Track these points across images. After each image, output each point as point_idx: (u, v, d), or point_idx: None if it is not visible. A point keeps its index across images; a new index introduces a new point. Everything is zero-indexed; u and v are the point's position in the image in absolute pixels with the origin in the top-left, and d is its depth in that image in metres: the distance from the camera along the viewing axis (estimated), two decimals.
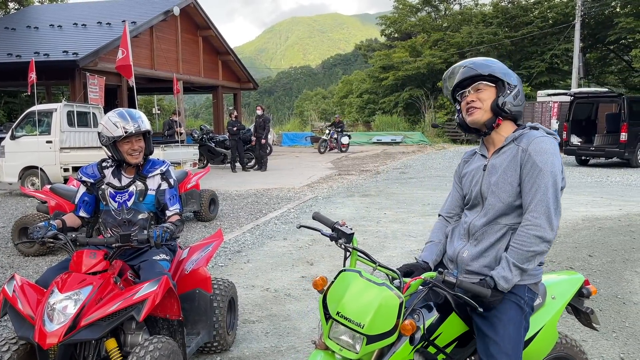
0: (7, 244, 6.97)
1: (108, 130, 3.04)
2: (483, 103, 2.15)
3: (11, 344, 2.51)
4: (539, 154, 2.03)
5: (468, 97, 2.19)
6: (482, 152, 2.28)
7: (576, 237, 6.75)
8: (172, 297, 2.83)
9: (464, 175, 2.34)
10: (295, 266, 5.71)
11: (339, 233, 2.23)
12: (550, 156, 2.03)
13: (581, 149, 16.12)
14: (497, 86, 2.15)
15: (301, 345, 3.75)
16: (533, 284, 2.15)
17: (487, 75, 2.15)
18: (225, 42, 23.69)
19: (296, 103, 67.87)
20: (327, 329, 1.97)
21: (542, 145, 2.04)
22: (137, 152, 3.09)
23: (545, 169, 2.01)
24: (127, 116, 3.06)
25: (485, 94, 2.16)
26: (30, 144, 11.31)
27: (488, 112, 2.16)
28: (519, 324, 2.07)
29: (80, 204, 3.17)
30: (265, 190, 11.60)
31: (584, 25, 26.79)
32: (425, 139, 27.74)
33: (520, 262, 2.02)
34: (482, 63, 2.18)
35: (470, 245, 2.19)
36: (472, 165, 2.31)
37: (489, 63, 2.19)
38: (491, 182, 2.14)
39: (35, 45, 16.86)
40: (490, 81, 2.15)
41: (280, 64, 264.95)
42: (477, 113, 2.17)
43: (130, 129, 3.01)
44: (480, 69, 2.16)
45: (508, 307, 2.06)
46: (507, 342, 2.02)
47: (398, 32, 40.64)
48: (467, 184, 2.30)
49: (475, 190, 2.21)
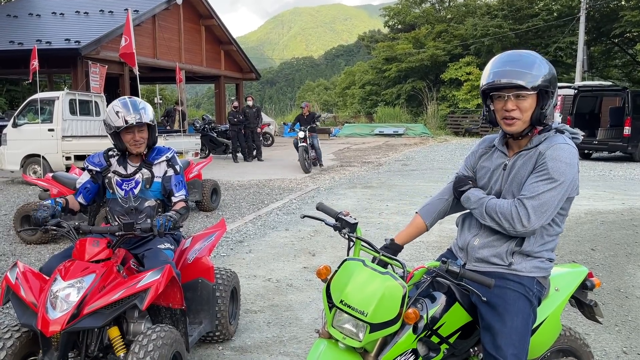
0: (9, 231, 6.97)
1: (111, 119, 3.02)
2: (523, 114, 2.00)
3: (14, 331, 2.51)
4: (553, 160, 1.97)
5: (507, 104, 2.01)
6: (502, 149, 2.19)
7: (579, 230, 6.74)
8: (175, 286, 2.83)
9: (479, 168, 2.27)
10: (297, 257, 5.71)
11: (343, 223, 2.24)
12: (564, 166, 1.97)
13: (584, 143, 16.03)
14: (540, 94, 1.99)
15: (303, 336, 3.75)
16: (542, 278, 2.15)
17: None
18: (227, 32, 23.58)
19: (298, 94, 67.69)
20: (330, 318, 1.97)
21: (559, 152, 1.98)
22: (139, 142, 3.07)
23: (556, 177, 1.96)
24: (129, 106, 3.02)
25: (526, 103, 1.99)
26: (32, 132, 11.29)
27: (527, 122, 2.02)
28: (527, 316, 2.07)
29: (82, 190, 3.15)
30: (267, 181, 11.59)
31: (588, 18, 26.61)
32: (427, 131, 27.66)
33: (487, 210, 2.07)
34: (523, 72, 1.95)
35: (482, 234, 2.18)
36: (491, 161, 2.23)
37: (533, 69, 1.96)
38: (512, 183, 2.11)
39: (37, 33, 16.77)
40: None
41: (283, 55, 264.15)
42: (516, 125, 2.03)
43: (132, 120, 2.97)
44: (524, 81, 1.94)
45: (516, 297, 2.06)
46: (514, 334, 2.02)
47: (401, 24, 40.38)
48: (484, 179, 2.24)
49: (496, 188, 2.17)
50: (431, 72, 34.72)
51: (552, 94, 2.00)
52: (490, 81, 2.02)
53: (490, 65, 2.06)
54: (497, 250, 2.12)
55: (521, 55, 2.03)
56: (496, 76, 2.00)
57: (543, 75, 1.97)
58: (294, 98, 64.66)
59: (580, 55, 24.88)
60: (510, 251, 2.10)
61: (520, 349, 2.02)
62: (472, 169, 2.32)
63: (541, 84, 1.96)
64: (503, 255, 2.11)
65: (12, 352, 2.44)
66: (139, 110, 3.02)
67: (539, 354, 2.37)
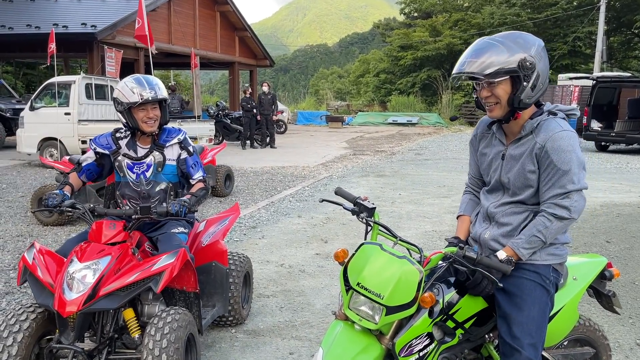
0: (27, 213, 7.08)
1: (124, 95, 2.94)
2: (500, 99, 2.01)
3: (29, 312, 2.54)
4: (556, 152, 1.97)
5: (482, 92, 2.04)
6: (500, 137, 2.19)
7: (594, 222, 6.66)
8: (189, 269, 2.85)
9: (481, 154, 2.29)
10: (309, 243, 5.72)
11: (361, 207, 2.26)
12: (568, 154, 1.96)
13: (601, 135, 15.81)
14: (512, 78, 1.97)
15: (315, 321, 3.77)
16: (558, 264, 2.13)
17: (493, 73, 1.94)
18: (242, 18, 23.50)
19: (312, 81, 67.39)
20: (347, 300, 1.99)
21: (559, 143, 1.97)
22: (152, 120, 3.00)
23: (565, 168, 1.97)
24: (144, 82, 2.97)
25: (499, 89, 1.99)
26: (49, 116, 11.40)
27: (505, 106, 2.02)
28: (544, 305, 2.06)
29: (85, 170, 3.10)
30: (280, 168, 11.60)
31: (609, 7, 26.08)
32: (441, 120, 27.44)
33: (540, 240, 2.02)
34: (482, 62, 1.94)
35: (492, 227, 2.19)
36: (490, 147, 2.23)
37: (492, 55, 1.93)
38: (511, 173, 2.11)
39: (54, 17, 16.86)
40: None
41: (297, 42, 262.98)
42: (495, 110, 2.04)
43: (147, 95, 2.92)
44: (479, 70, 1.95)
45: (533, 287, 2.05)
46: (531, 323, 2.01)
47: (418, 11, 39.94)
48: (484, 165, 2.26)
49: (495, 177, 2.18)
50: (447, 61, 34.34)
51: (527, 77, 1.95)
52: (454, 73, 2.04)
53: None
54: (507, 242, 2.11)
55: (482, 43, 2.01)
56: (459, 67, 2.02)
57: (502, 62, 1.93)
58: (308, 86, 64.48)
59: (599, 45, 24.44)
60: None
61: (537, 338, 2.01)
62: (476, 153, 2.34)
63: (499, 69, 1.93)
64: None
65: (28, 333, 2.47)
66: (154, 86, 2.98)
67: (555, 341, 2.37)
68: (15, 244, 5.68)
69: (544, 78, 2.01)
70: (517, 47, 1.96)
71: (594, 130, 15.86)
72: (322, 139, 19.51)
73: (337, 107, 35.03)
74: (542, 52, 2.01)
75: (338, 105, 35.62)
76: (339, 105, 36.03)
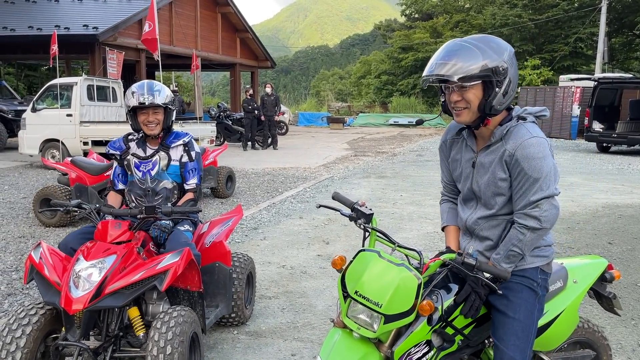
0: (29, 214, 7.10)
1: (127, 99, 3.15)
2: (470, 103, 1.94)
3: (38, 309, 2.59)
4: (526, 160, 1.91)
5: (452, 96, 1.96)
6: (470, 143, 2.13)
7: (596, 224, 6.67)
8: (193, 269, 2.88)
9: (453, 160, 2.23)
10: (311, 245, 5.74)
11: (359, 213, 2.23)
12: (538, 161, 1.91)
13: (603, 136, 15.81)
14: (484, 83, 1.91)
15: (317, 322, 3.79)
16: (545, 265, 2.12)
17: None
18: (243, 20, 23.54)
19: (313, 83, 67.45)
20: (345, 308, 1.97)
21: (529, 150, 1.91)
22: (152, 123, 3.15)
23: (535, 175, 1.92)
24: (145, 88, 3.13)
25: (470, 94, 1.92)
26: (51, 117, 11.43)
27: (476, 112, 1.95)
28: (532, 307, 2.06)
29: (116, 178, 3.29)
30: (281, 169, 11.63)
31: (610, 9, 26.09)
32: (443, 122, 27.41)
33: (517, 253, 1.99)
34: (454, 65, 1.86)
35: (474, 242, 2.17)
36: (460, 154, 2.17)
37: (466, 58, 1.87)
38: (482, 181, 2.07)
39: (55, 18, 16.91)
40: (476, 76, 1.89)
41: (298, 43, 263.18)
42: (464, 115, 1.97)
43: (144, 100, 3.08)
44: (451, 73, 1.87)
45: (520, 289, 2.05)
46: (517, 325, 2.02)
47: (419, 13, 39.99)
48: (456, 171, 2.21)
49: (467, 186, 2.14)
50: None
51: (499, 83, 1.90)
52: (424, 74, 1.95)
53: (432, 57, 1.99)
54: (490, 255, 2.09)
55: (454, 45, 1.94)
56: (429, 68, 1.93)
57: (476, 66, 1.87)
58: (309, 87, 64.51)
59: (600, 46, 24.45)
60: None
61: (523, 339, 2.01)
62: (447, 159, 2.27)
63: (474, 74, 1.87)
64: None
65: (37, 328, 2.52)
66: (153, 92, 3.11)
67: (555, 345, 2.37)
68: (17, 245, 5.70)
69: (514, 84, 1.96)
70: (491, 51, 1.90)
71: (595, 131, 15.87)
72: (323, 140, 19.54)
73: (338, 108, 35.04)
74: (513, 58, 1.97)
75: (339, 107, 35.62)
76: (340, 106, 36.04)
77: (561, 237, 5.95)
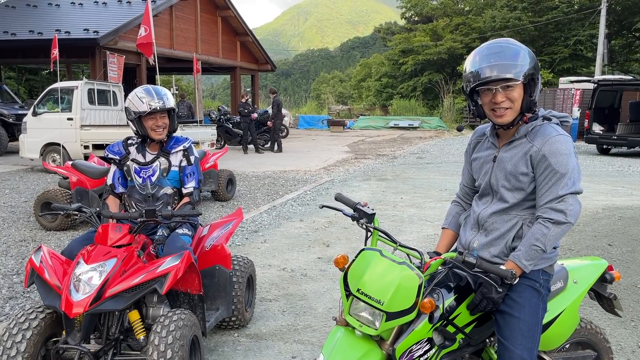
0: (30, 218, 7.11)
1: (134, 105, 3.13)
2: (514, 103, 2.01)
3: (39, 312, 2.60)
4: (554, 155, 1.99)
5: (497, 97, 2.01)
6: (493, 140, 2.21)
7: (596, 226, 6.67)
8: (193, 272, 2.89)
9: (474, 159, 2.30)
10: (311, 247, 5.74)
11: (361, 213, 2.27)
12: (565, 157, 1.99)
13: (603, 138, 15.82)
14: (526, 82, 2.00)
15: (317, 324, 3.79)
16: (548, 267, 2.15)
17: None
18: (244, 23, 23.61)
19: (313, 86, 67.51)
20: (347, 306, 2.00)
21: (557, 146, 1.99)
22: (160, 128, 3.17)
23: (562, 171, 1.98)
24: (153, 92, 3.14)
25: (515, 93, 2.00)
26: (51, 121, 11.45)
27: (517, 111, 2.03)
28: (536, 307, 2.08)
29: (115, 182, 3.28)
30: (282, 172, 11.64)
31: (610, 11, 26.11)
32: (443, 124, 27.47)
33: (540, 249, 2.02)
34: (510, 64, 1.95)
35: (480, 235, 2.20)
36: (482, 151, 2.25)
37: (518, 59, 1.97)
38: (501, 175, 2.12)
39: (56, 22, 16.96)
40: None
41: (298, 46, 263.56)
42: (507, 115, 2.03)
43: (155, 105, 3.09)
44: (512, 72, 1.95)
45: (523, 289, 2.07)
46: (523, 324, 2.03)
47: (419, 16, 40.04)
48: (476, 170, 2.27)
49: (485, 180, 2.19)
50: (448, 64, 34.42)
51: (538, 80, 2.03)
52: (479, 78, 1.99)
53: (473, 61, 2.03)
54: (497, 250, 2.13)
55: (502, 47, 2.01)
56: (484, 72, 1.98)
57: (528, 64, 1.98)
58: (309, 90, 64.57)
59: (600, 48, 24.45)
60: (510, 249, 2.12)
61: (530, 339, 2.03)
62: (470, 162, 2.35)
63: (528, 72, 1.97)
64: (502, 256, 2.13)
65: (37, 332, 2.53)
66: (162, 96, 3.15)
67: (556, 344, 2.38)
68: (18, 249, 5.72)
69: (539, 84, 2.09)
70: (528, 51, 2.03)
71: (595, 133, 15.87)
72: (323, 143, 19.56)
73: (339, 111, 35.08)
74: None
75: (339, 109, 35.66)
76: (340, 109, 36.08)
77: (561, 239, 5.95)
